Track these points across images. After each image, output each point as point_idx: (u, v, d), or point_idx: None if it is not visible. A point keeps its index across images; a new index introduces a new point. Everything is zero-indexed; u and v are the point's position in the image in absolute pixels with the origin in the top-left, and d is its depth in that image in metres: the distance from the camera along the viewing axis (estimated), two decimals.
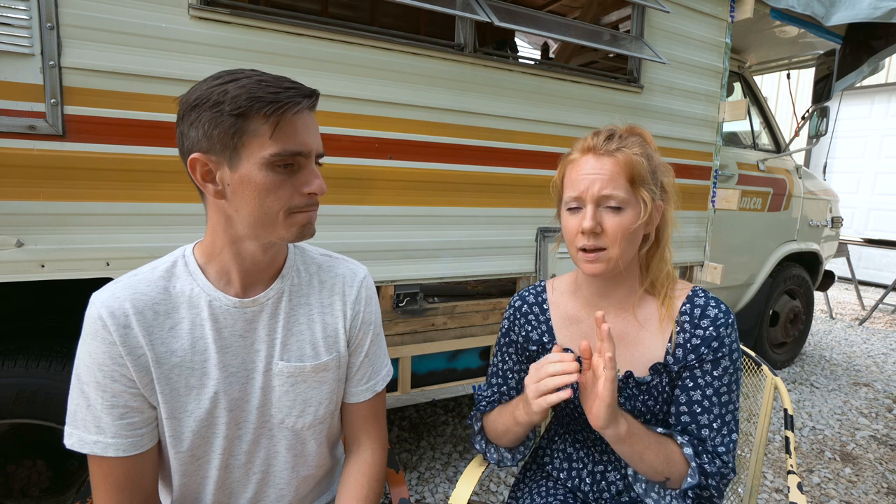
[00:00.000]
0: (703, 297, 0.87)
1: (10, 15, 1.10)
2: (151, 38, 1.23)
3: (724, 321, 0.84)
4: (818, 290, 3.87)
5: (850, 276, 5.05)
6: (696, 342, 0.84)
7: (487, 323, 1.91)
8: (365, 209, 1.57)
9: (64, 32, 1.15)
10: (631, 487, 0.91)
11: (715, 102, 2.30)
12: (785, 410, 1.06)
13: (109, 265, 1.25)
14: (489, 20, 1.57)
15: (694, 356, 0.84)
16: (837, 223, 3.79)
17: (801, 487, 0.91)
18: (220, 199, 0.69)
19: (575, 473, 0.99)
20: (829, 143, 5.11)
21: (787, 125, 6.12)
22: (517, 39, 3.63)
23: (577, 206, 0.84)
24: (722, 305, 0.86)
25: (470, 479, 1.01)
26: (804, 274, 3.50)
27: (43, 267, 1.18)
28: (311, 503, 0.92)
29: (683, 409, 0.85)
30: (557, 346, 0.81)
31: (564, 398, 0.74)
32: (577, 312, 0.95)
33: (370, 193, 1.57)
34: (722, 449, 0.82)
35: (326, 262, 0.87)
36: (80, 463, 1.47)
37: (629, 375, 0.87)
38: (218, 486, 0.79)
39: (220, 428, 0.76)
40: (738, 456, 1.16)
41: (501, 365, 1.02)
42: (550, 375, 0.75)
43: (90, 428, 0.68)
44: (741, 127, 3.08)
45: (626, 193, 0.81)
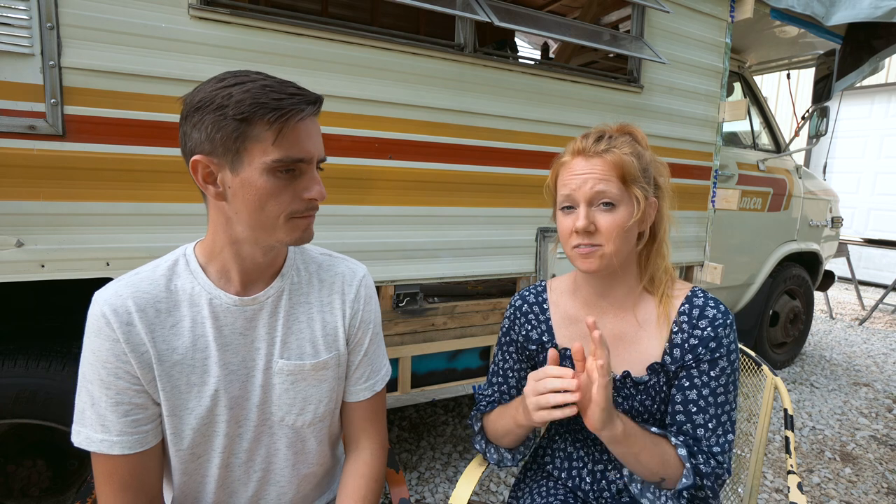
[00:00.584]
0: (702, 297, 0.87)
1: (10, 15, 1.10)
2: (151, 38, 1.23)
3: (722, 322, 0.84)
4: (818, 290, 3.87)
5: (850, 276, 5.05)
6: (693, 342, 0.84)
7: (487, 323, 1.91)
8: (365, 209, 1.57)
9: (64, 32, 1.15)
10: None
11: (715, 102, 2.30)
12: (785, 410, 1.06)
13: (109, 265, 1.25)
14: (489, 20, 1.57)
15: (691, 356, 0.84)
16: (837, 223, 3.79)
17: (801, 487, 0.91)
18: (220, 200, 0.70)
19: (575, 473, 0.99)
20: (829, 143, 5.11)
21: (787, 125, 6.12)
22: (517, 39, 3.63)
23: (570, 206, 0.85)
24: (721, 306, 0.86)
25: (470, 479, 1.01)
26: (804, 274, 3.50)
27: (43, 267, 1.18)
28: (311, 502, 0.92)
29: (679, 408, 0.85)
30: (553, 351, 0.80)
31: (568, 415, 0.74)
32: (576, 312, 0.95)
33: (370, 193, 1.57)
34: (717, 449, 0.82)
35: (326, 261, 0.88)
36: (80, 463, 1.47)
37: (627, 375, 0.88)
38: (219, 484, 0.80)
39: (220, 426, 0.76)
40: (738, 456, 1.17)
41: (502, 364, 1.02)
42: (551, 391, 0.75)
43: (96, 426, 0.69)
44: (741, 127, 3.07)
45: (617, 191, 0.82)
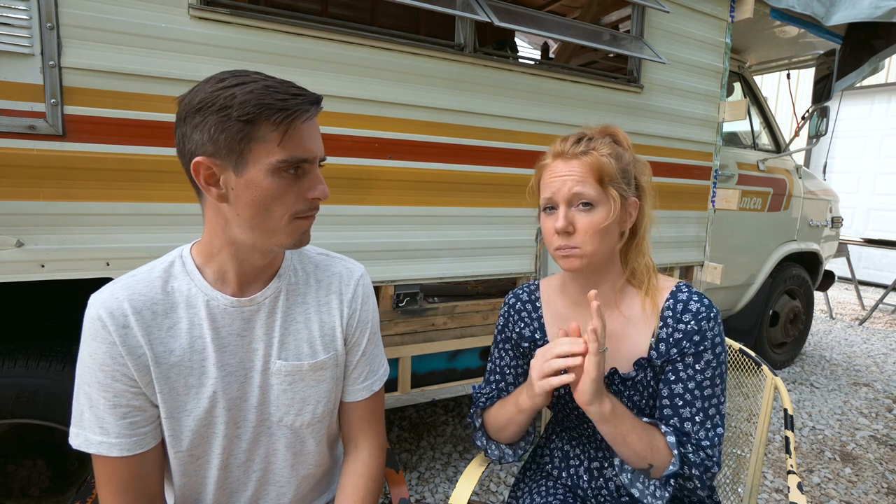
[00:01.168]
0: (686, 291, 0.88)
1: (10, 15, 1.10)
2: (151, 38, 1.23)
3: (706, 315, 0.85)
4: (818, 290, 3.87)
5: (850, 276, 5.05)
6: (678, 336, 0.85)
7: (487, 323, 1.91)
8: (365, 209, 1.57)
9: (64, 32, 1.15)
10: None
11: (715, 102, 2.30)
12: (785, 410, 1.06)
13: (109, 265, 1.25)
14: (489, 20, 1.57)
15: (676, 350, 0.85)
16: (837, 223, 3.79)
17: (801, 487, 0.91)
18: (222, 202, 0.69)
19: (573, 471, 1.00)
20: (829, 143, 5.11)
21: (787, 125, 6.12)
22: (517, 39, 3.63)
23: (551, 207, 0.87)
24: (705, 300, 0.87)
25: (470, 479, 1.01)
26: (804, 274, 3.49)
27: (43, 267, 1.18)
28: (310, 502, 0.92)
29: (665, 402, 0.86)
30: (563, 329, 0.81)
31: (567, 381, 0.76)
32: (566, 310, 0.97)
33: (370, 193, 1.57)
34: (706, 443, 0.83)
35: (323, 261, 0.88)
36: (79, 463, 1.47)
37: (614, 372, 0.89)
38: (218, 485, 0.79)
39: (218, 427, 0.76)
40: (738, 456, 1.17)
41: (499, 361, 1.03)
42: (556, 357, 0.77)
43: (94, 429, 0.69)
44: (741, 127, 3.07)
45: (595, 192, 0.83)
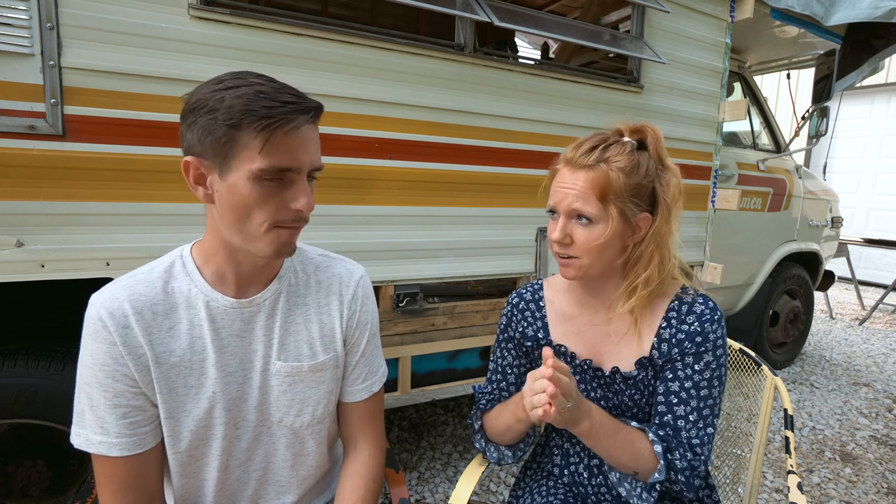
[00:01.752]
0: (691, 294, 0.89)
1: (10, 15, 1.10)
2: (151, 38, 1.23)
3: (709, 317, 0.86)
4: (818, 290, 3.87)
5: (850, 276, 5.05)
6: (680, 337, 0.86)
7: (487, 323, 1.91)
8: (365, 209, 1.57)
9: (64, 32, 1.15)
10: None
11: (715, 102, 2.30)
12: (785, 410, 1.06)
13: (109, 265, 1.25)
14: (489, 20, 1.56)
15: (677, 350, 0.85)
16: (837, 223, 3.79)
17: (801, 487, 0.91)
18: (210, 202, 0.70)
19: (573, 468, 1.00)
20: (829, 143, 5.10)
21: (787, 125, 6.12)
22: (517, 39, 3.63)
23: (554, 213, 0.88)
24: (710, 303, 0.88)
25: (470, 479, 1.01)
26: (804, 274, 3.49)
27: (43, 267, 1.18)
28: (310, 502, 0.92)
29: (661, 399, 0.86)
30: (547, 348, 0.79)
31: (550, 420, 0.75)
32: (570, 310, 0.97)
33: (370, 193, 1.57)
34: (696, 441, 0.83)
35: (324, 262, 0.87)
36: (79, 463, 1.47)
37: (616, 371, 0.89)
38: (218, 487, 0.79)
39: (217, 428, 0.76)
40: (738, 456, 1.17)
41: (501, 361, 1.03)
42: (540, 391, 0.75)
43: (95, 428, 0.69)
44: (741, 127, 3.07)
45: (595, 210, 0.82)
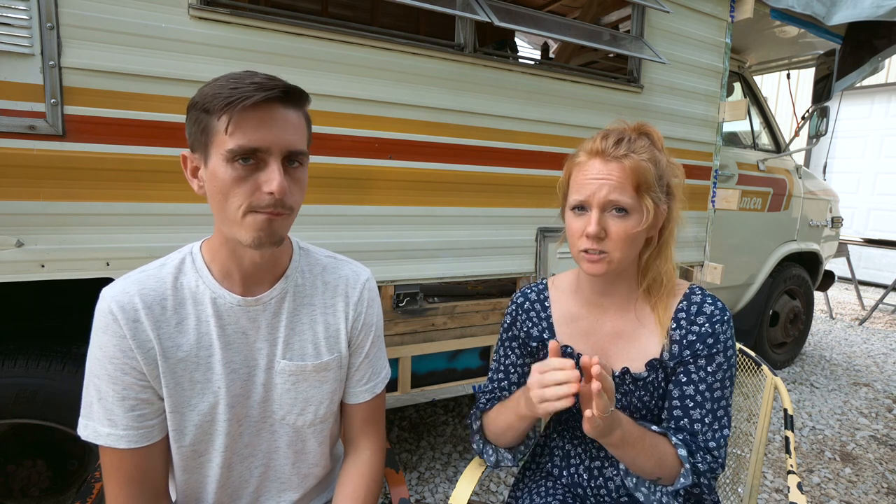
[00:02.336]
0: (699, 294, 0.89)
1: (10, 15, 1.10)
2: (151, 38, 1.23)
3: (720, 318, 0.85)
4: (818, 290, 3.87)
5: (850, 276, 5.05)
6: (691, 338, 0.85)
7: (487, 323, 1.91)
8: (365, 209, 1.57)
9: (64, 32, 1.15)
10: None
11: (715, 102, 2.30)
12: (785, 410, 1.06)
13: (109, 265, 1.25)
14: (489, 20, 1.56)
15: (689, 352, 0.85)
16: (837, 223, 3.79)
17: (801, 487, 0.91)
18: (203, 194, 0.72)
19: (574, 469, 1.00)
20: (829, 143, 5.11)
21: (787, 125, 6.12)
22: (517, 39, 3.63)
23: (581, 207, 0.84)
24: (718, 303, 0.87)
25: (470, 479, 1.01)
26: (804, 274, 3.49)
27: (43, 267, 1.18)
28: (310, 501, 0.92)
29: (676, 402, 0.86)
30: (554, 342, 0.77)
31: (568, 405, 0.72)
32: (577, 310, 0.96)
33: (370, 193, 1.57)
34: (713, 444, 0.83)
35: (331, 263, 0.88)
36: (79, 463, 1.47)
37: (626, 371, 0.88)
38: (220, 483, 0.80)
39: (221, 424, 0.77)
40: (738, 456, 1.17)
41: (504, 360, 1.02)
42: (556, 383, 0.73)
43: (103, 420, 0.70)
44: (741, 127, 3.07)
45: (631, 200, 0.81)
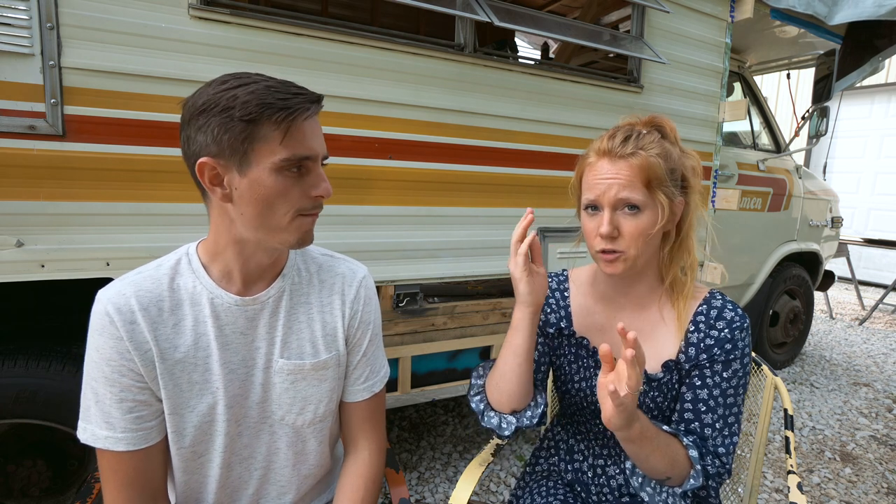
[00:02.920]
0: (720, 299, 0.88)
1: (10, 15, 1.10)
2: (151, 38, 1.23)
3: (739, 324, 0.85)
4: (818, 290, 3.87)
5: (850, 276, 5.05)
6: (709, 342, 0.85)
7: (487, 323, 1.91)
8: (365, 209, 1.57)
9: (64, 32, 1.15)
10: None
11: (715, 102, 2.30)
12: (785, 410, 1.06)
13: (109, 265, 1.25)
14: (489, 20, 1.56)
15: (706, 356, 0.85)
16: (837, 223, 3.79)
17: (801, 487, 0.91)
18: (226, 202, 0.70)
19: (577, 465, 1.00)
20: (829, 143, 5.10)
21: (787, 125, 6.12)
22: (517, 39, 3.63)
23: (594, 207, 0.84)
24: (738, 309, 0.87)
25: (470, 479, 1.01)
26: (804, 274, 3.49)
27: (43, 267, 1.18)
28: (310, 502, 0.92)
29: (688, 406, 0.85)
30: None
31: (530, 239, 0.83)
32: (592, 305, 0.97)
33: (370, 193, 1.57)
34: (722, 450, 0.83)
35: (327, 261, 0.88)
36: (79, 463, 1.47)
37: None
38: (220, 484, 0.80)
39: (220, 425, 0.77)
40: (738, 456, 1.17)
41: None
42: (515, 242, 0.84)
43: (100, 423, 0.70)
44: (741, 127, 3.07)
45: (642, 196, 0.80)
